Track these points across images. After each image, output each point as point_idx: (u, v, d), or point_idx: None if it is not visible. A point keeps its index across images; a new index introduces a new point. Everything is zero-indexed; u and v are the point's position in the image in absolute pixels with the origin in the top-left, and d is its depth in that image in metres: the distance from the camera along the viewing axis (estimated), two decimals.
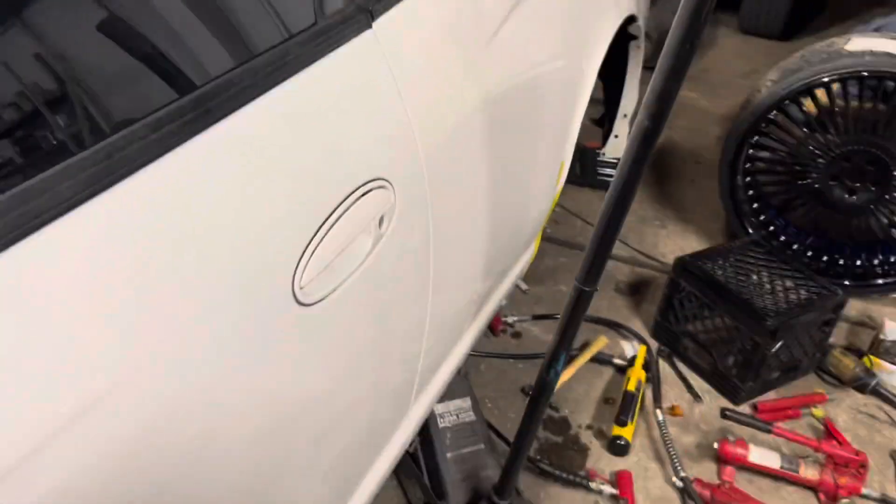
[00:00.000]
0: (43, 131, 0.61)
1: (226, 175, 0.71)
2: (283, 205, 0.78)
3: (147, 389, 0.65)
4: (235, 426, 0.77)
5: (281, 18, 0.83)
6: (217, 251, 0.70)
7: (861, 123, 2.32)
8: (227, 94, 0.71)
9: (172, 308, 0.66)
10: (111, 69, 0.68)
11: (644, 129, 0.95)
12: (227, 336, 0.72)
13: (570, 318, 1.17)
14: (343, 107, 0.87)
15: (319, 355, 0.87)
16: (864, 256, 2.51)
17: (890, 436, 2.04)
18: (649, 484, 1.86)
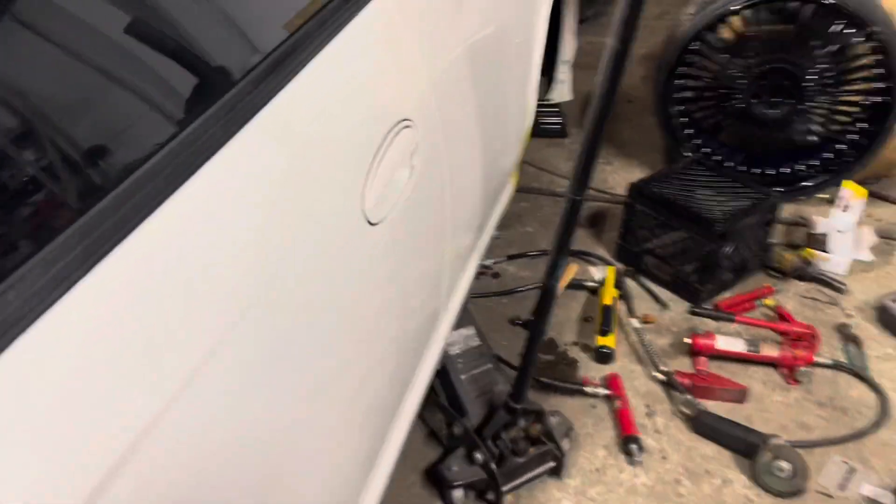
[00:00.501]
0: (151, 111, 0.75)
1: (306, 116, 0.88)
2: (350, 142, 0.94)
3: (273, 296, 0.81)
4: (333, 328, 0.94)
5: None
6: (314, 183, 0.87)
7: (773, 44, 2.58)
8: (299, 51, 0.87)
9: (291, 228, 0.83)
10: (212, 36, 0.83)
11: (615, 50, 1.15)
12: (326, 249, 0.88)
13: (566, 226, 1.37)
14: (376, 59, 1.04)
15: (387, 267, 1.04)
16: (790, 164, 2.79)
17: (832, 313, 2.33)
18: (636, 383, 2.09)
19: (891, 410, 1.99)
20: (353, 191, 0.94)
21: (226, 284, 0.73)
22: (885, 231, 2.65)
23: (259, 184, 0.79)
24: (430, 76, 1.18)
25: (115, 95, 0.72)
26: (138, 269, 0.64)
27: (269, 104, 0.82)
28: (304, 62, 0.88)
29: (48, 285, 0.55)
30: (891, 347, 2.20)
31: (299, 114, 0.87)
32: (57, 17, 0.67)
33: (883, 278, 2.46)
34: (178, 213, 0.68)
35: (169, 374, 0.65)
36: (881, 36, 2.43)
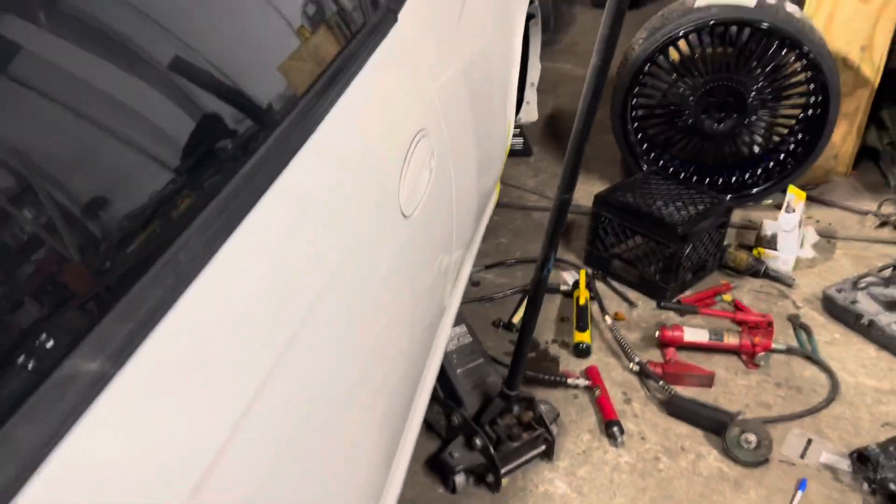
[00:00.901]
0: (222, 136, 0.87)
1: (350, 131, 1.04)
2: (386, 150, 1.10)
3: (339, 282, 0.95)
4: (379, 311, 1.09)
5: (351, 19, 1.16)
6: (362, 184, 1.03)
7: (717, 64, 2.83)
8: (341, 75, 1.03)
9: (349, 222, 0.98)
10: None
11: (597, 67, 1.34)
12: (376, 237, 1.04)
13: (556, 223, 1.55)
14: (398, 78, 1.21)
15: (417, 255, 1.20)
16: (738, 173, 3.04)
17: (783, 305, 2.56)
18: (612, 374, 2.27)
19: (840, 388, 2.21)
20: (392, 189, 1.10)
21: (301, 280, 0.86)
22: (824, 231, 2.91)
23: (320, 190, 0.94)
24: (437, 90, 1.35)
25: (200, 130, 0.82)
26: (235, 270, 0.75)
27: (321, 124, 0.96)
28: (344, 87, 1.04)
29: (204, 248, 0.70)
30: (837, 333, 2.43)
31: (345, 129, 1.03)
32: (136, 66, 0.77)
33: (825, 272, 2.70)
34: (262, 219, 0.79)
35: (257, 369, 0.75)
36: (813, 56, 2.70)
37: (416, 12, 1.36)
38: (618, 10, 1.27)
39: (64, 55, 0.67)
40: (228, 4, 0.92)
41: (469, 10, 1.63)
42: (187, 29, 0.83)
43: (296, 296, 0.83)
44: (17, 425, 0.52)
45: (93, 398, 0.56)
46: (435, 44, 1.43)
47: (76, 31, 0.69)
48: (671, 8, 2.90)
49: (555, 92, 4.06)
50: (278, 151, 0.86)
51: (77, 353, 0.57)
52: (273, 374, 0.76)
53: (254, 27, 0.97)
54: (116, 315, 0.61)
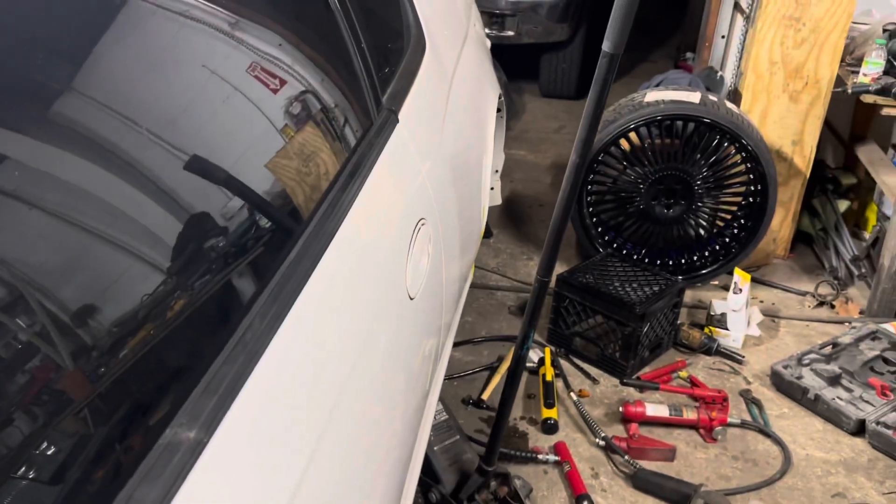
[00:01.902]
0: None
1: (374, 219, 1.14)
2: (395, 236, 1.21)
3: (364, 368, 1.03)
4: (391, 391, 1.16)
5: (361, 122, 1.27)
6: (376, 271, 1.12)
7: (665, 154, 3.05)
8: (358, 172, 1.14)
9: (366, 305, 1.07)
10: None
11: (575, 163, 1.47)
12: (390, 317, 1.13)
13: (536, 303, 1.66)
14: (402, 173, 1.32)
15: (420, 333, 1.29)
16: (686, 255, 3.23)
17: (735, 381, 2.70)
18: (579, 449, 2.36)
19: (792, 460, 2.34)
20: (401, 274, 1.20)
21: (337, 358, 0.95)
22: (768, 310, 3.10)
23: (347, 276, 1.04)
24: (430, 183, 1.47)
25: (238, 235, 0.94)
26: (288, 350, 0.85)
27: (347, 217, 1.06)
28: (362, 182, 1.15)
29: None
30: (786, 407, 2.58)
31: (364, 220, 1.13)
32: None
33: (772, 349, 2.87)
34: (306, 304, 0.89)
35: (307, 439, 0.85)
36: (752, 148, 2.94)
37: (412, 112, 1.48)
38: (595, 115, 1.41)
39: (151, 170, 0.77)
40: (258, 116, 1.03)
41: (451, 107, 1.77)
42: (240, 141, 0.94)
43: (333, 373, 0.91)
44: (135, 485, 0.59)
45: (193, 463, 0.64)
46: (427, 139, 1.55)
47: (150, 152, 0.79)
48: (622, 103, 3.13)
49: (510, 177, 4.24)
50: (313, 246, 0.96)
51: (175, 422, 0.65)
52: (317, 446, 0.84)
53: (281, 134, 1.08)
54: (203, 389, 0.69)
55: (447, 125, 1.72)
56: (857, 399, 2.51)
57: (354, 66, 1.31)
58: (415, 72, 1.59)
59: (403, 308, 1.20)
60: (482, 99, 2.19)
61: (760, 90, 3.20)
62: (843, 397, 2.51)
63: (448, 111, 1.75)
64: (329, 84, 1.24)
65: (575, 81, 5.43)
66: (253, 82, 1.03)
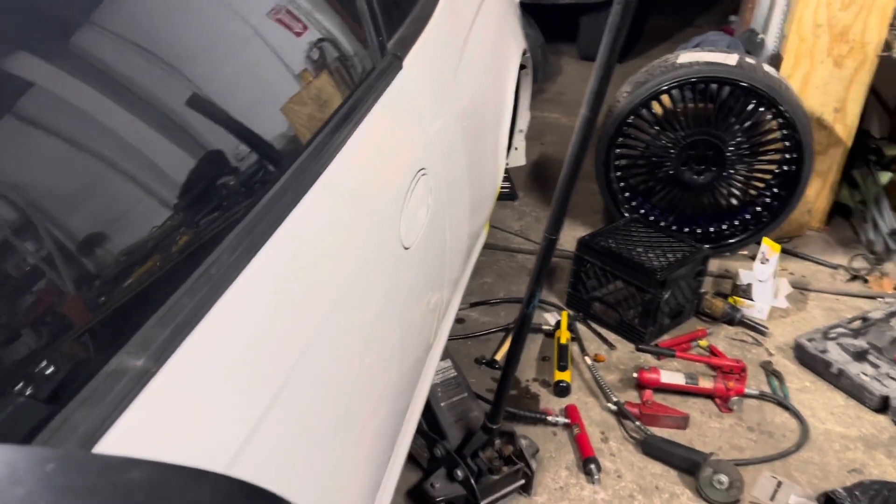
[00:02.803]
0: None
1: (367, 165, 1.12)
2: (391, 184, 1.18)
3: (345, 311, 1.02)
4: (378, 347, 1.15)
5: (362, 65, 1.24)
6: (369, 217, 1.10)
7: (697, 119, 2.96)
8: (352, 115, 1.12)
9: (355, 251, 1.06)
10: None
11: (586, 118, 1.43)
12: (379, 265, 1.11)
13: (542, 262, 1.62)
14: (402, 119, 1.29)
15: (415, 285, 1.27)
16: (715, 224, 3.15)
17: (757, 352, 2.64)
18: (591, 413, 2.33)
19: (810, 434, 2.29)
20: (394, 222, 1.17)
21: (313, 298, 0.93)
22: (797, 282, 3.02)
23: (331, 220, 1.02)
24: (436, 133, 1.44)
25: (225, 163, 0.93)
26: (257, 286, 0.84)
27: (333, 161, 1.04)
28: (355, 127, 1.12)
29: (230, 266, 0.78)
30: (808, 381, 2.51)
31: (354, 166, 1.11)
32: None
33: (798, 322, 2.80)
34: (281, 244, 0.88)
35: (272, 378, 0.83)
36: (789, 115, 2.83)
37: (420, 59, 1.45)
38: (607, 67, 1.36)
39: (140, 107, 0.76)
40: (244, 49, 1.00)
41: (467, 59, 1.73)
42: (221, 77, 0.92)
43: (308, 314, 0.90)
44: (73, 410, 0.58)
45: (138, 391, 0.63)
46: (436, 89, 1.52)
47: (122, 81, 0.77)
48: (655, 64, 3.03)
49: (541, 140, 4.18)
50: (296, 185, 0.94)
51: (124, 350, 0.64)
52: (285, 385, 0.83)
53: (271, 70, 1.06)
54: (158, 320, 0.68)
55: (461, 77, 1.68)
56: (883, 375, 2.43)
57: (357, 9, 1.28)
58: (426, 19, 1.55)
59: (397, 256, 1.18)
60: (503, 54, 2.13)
61: (803, 54, 3.08)
62: (868, 373, 2.44)
63: (463, 63, 1.71)
64: (329, 25, 1.22)
65: None
66: (246, 15, 1.01)
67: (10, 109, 0.64)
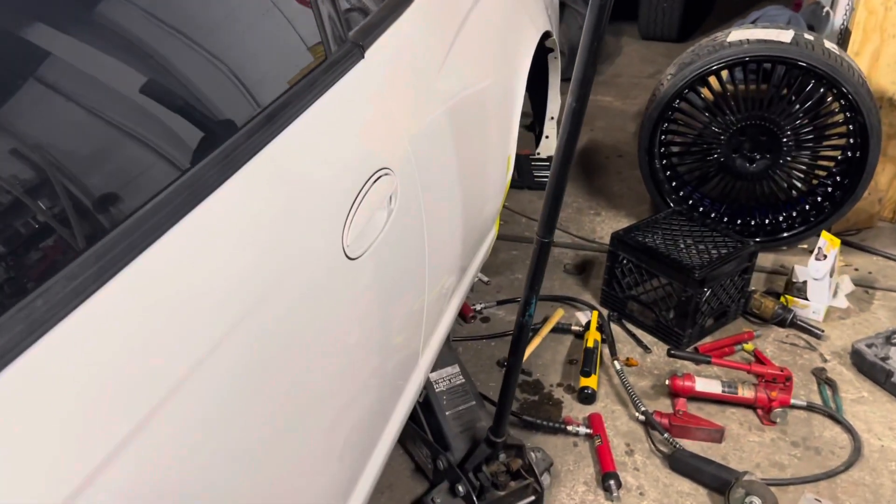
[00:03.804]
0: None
1: (296, 167, 1.01)
2: (330, 186, 1.07)
3: (265, 312, 0.92)
4: (314, 357, 1.04)
5: (308, 55, 1.13)
6: (296, 222, 0.99)
7: (750, 102, 2.72)
8: (289, 108, 1.01)
9: (279, 255, 0.96)
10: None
11: (573, 108, 1.28)
12: (309, 277, 1.00)
13: (536, 266, 1.48)
14: (357, 116, 1.17)
15: (367, 298, 1.16)
16: (771, 215, 2.91)
17: (809, 357, 2.41)
18: (617, 422, 2.17)
19: (863, 450, 2.06)
20: (335, 228, 1.06)
21: (216, 305, 0.84)
22: (862, 280, 2.75)
23: (250, 217, 0.92)
24: (409, 130, 1.31)
25: (130, 145, 0.86)
26: (142, 288, 0.76)
27: (262, 152, 0.95)
28: (290, 120, 1.02)
29: (68, 296, 0.68)
30: (865, 391, 2.28)
31: (289, 160, 1.00)
32: (75, 79, 0.81)
33: (859, 325, 2.55)
34: (178, 242, 0.80)
35: (158, 382, 0.76)
36: (852, 96, 2.57)
37: (390, 51, 1.33)
38: (591, 50, 1.21)
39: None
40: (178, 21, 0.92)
41: (461, 46, 1.59)
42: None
43: (197, 324, 0.82)
44: None
45: None
46: (413, 83, 1.39)
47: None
48: (702, 44, 2.81)
49: (591, 125, 3.98)
50: (211, 174, 0.87)
51: None
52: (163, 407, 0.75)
53: (203, 49, 0.97)
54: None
55: (451, 67, 1.55)
56: None
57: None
58: (404, 4, 1.43)
59: (335, 267, 1.06)
60: (514, 38, 1.98)
61: (872, 28, 2.79)
62: None
63: (455, 51, 1.58)
64: (279, 9, 1.12)
65: (677, 22, 5.03)
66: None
67: None
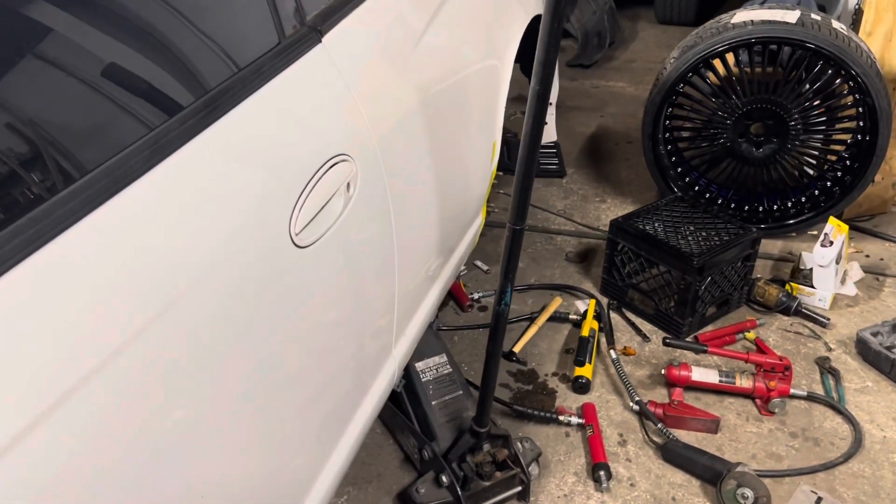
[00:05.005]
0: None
1: (235, 154, 0.99)
2: (275, 174, 1.06)
3: (198, 303, 0.91)
4: (250, 349, 1.03)
5: (258, 39, 1.12)
6: (235, 209, 0.98)
7: (757, 85, 2.65)
8: (227, 95, 1.00)
9: (218, 240, 0.95)
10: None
11: (536, 92, 1.25)
12: (246, 270, 0.99)
13: (510, 254, 1.45)
14: (309, 102, 1.16)
15: (313, 288, 1.14)
16: (779, 201, 2.85)
17: (813, 346, 2.35)
18: (611, 412, 2.14)
19: (864, 442, 2.01)
20: (280, 216, 1.05)
21: (137, 292, 0.84)
22: (873, 266, 2.68)
23: (180, 202, 0.91)
24: (372, 116, 1.29)
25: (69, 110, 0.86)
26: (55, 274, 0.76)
27: (198, 137, 0.94)
28: (236, 102, 1.00)
29: None
30: (870, 380, 2.21)
31: (229, 146, 0.99)
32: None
33: (867, 312, 2.48)
34: (110, 219, 0.80)
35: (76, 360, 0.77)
36: (860, 77, 2.49)
37: (351, 36, 1.31)
38: (551, 32, 1.17)
39: None
40: None
41: (433, 35, 1.56)
42: None
43: (135, 298, 0.83)
44: None
45: None
46: (380, 68, 1.37)
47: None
48: (706, 26, 2.74)
49: (602, 111, 3.92)
50: (141, 158, 0.86)
51: None
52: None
53: (153, 28, 0.96)
54: None
55: (425, 49, 1.52)
56: None
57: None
58: None
59: (282, 255, 1.05)
60: (500, 22, 1.94)
61: (885, 7, 2.71)
62: None
63: (431, 33, 1.55)
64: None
65: (694, 5, 4.94)
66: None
67: None
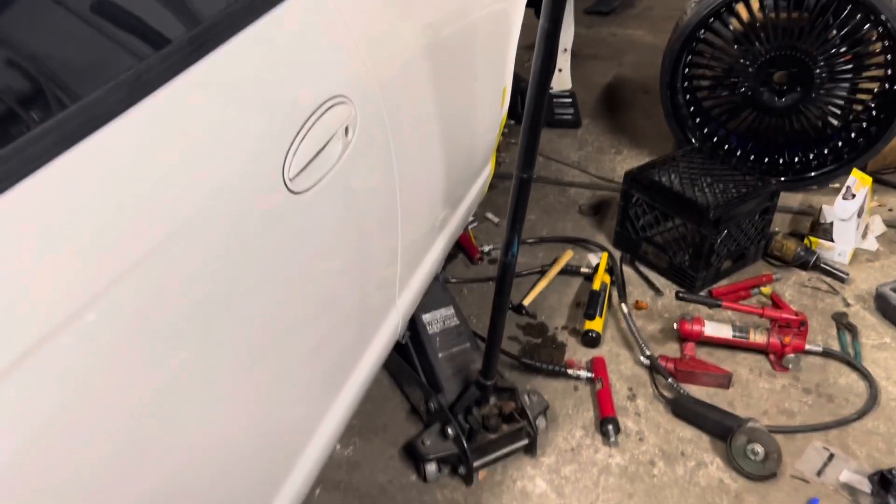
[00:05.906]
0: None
1: (223, 92, 0.95)
2: (267, 113, 1.01)
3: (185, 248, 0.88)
4: (244, 298, 1.00)
5: None
6: (223, 150, 0.94)
7: (781, 31, 2.55)
8: (216, 29, 0.95)
9: (207, 181, 0.91)
10: None
11: (546, 30, 1.18)
12: (237, 215, 0.95)
13: (517, 204, 1.41)
14: (304, 39, 1.10)
15: (310, 236, 1.10)
16: (801, 153, 2.76)
17: (831, 302, 2.30)
18: (621, 366, 2.11)
19: (879, 398, 1.97)
20: (273, 160, 1.00)
21: (131, 225, 0.80)
22: (895, 221, 2.60)
23: (180, 132, 0.88)
24: (373, 56, 1.23)
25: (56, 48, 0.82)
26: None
27: (182, 75, 0.89)
28: (222, 40, 0.95)
29: None
30: (888, 336, 2.16)
31: (216, 85, 0.94)
32: None
33: (889, 267, 2.41)
34: (73, 165, 0.76)
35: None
36: (890, 24, 2.39)
37: None
38: None
39: None
40: None
41: None
42: None
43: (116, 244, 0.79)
44: None
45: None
46: (378, 6, 1.31)
47: None
48: None
49: (619, 59, 3.82)
50: (118, 97, 0.83)
51: None
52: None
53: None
54: None
55: None
56: None
57: None
58: None
59: (276, 201, 1.01)
60: None
61: None
62: None
63: None
64: None
65: None
66: None
67: None
